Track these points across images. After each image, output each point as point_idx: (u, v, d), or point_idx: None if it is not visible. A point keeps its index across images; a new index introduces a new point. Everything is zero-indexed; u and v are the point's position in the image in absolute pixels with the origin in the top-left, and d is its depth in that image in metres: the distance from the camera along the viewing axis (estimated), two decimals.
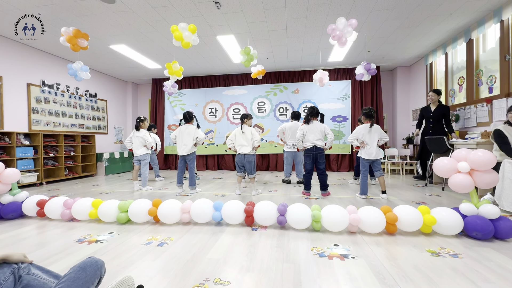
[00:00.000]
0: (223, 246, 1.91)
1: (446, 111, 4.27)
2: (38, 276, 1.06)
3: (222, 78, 7.03)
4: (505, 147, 2.79)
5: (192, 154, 3.85)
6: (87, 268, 1.03)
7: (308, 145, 3.52)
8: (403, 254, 1.73)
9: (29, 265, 1.06)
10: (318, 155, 3.49)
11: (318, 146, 3.49)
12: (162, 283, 1.41)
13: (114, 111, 7.17)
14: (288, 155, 4.58)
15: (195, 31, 3.32)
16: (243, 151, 3.64)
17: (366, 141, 3.32)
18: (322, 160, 3.50)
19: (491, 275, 1.45)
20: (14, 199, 2.68)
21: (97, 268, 1.07)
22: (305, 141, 3.57)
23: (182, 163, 3.90)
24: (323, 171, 3.51)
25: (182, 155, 3.82)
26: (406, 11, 3.71)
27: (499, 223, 1.92)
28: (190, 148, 3.79)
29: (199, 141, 3.83)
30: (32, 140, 4.79)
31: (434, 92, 4.35)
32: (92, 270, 1.04)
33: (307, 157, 3.57)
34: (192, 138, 3.79)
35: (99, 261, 1.11)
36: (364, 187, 3.38)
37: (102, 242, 2.00)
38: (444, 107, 4.32)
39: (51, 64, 5.29)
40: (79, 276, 1.00)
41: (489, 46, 3.99)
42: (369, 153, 3.30)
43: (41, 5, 3.45)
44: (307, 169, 3.58)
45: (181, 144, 3.81)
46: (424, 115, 4.53)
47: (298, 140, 3.60)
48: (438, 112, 4.29)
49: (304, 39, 4.70)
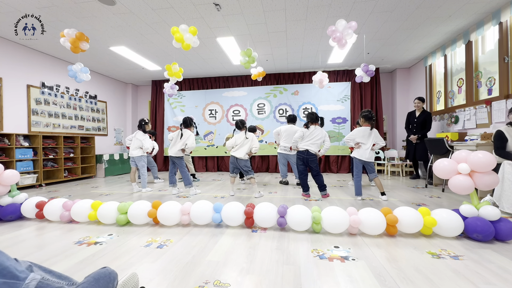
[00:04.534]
0: (223, 248, 1.90)
1: (427, 117, 4.70)
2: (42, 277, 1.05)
3: (222, 79, 7.04)
4: (498, 151, 2.84)
5: (179, 158, 3.89)
6: (101, 280, 1.05)
7: (301, 148, 3.57)
8: (404, 256, 1.73)
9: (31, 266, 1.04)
10: (309, 160, 3.52)
11: (310, 151, 3.51)
12: (162, 285, 1.40)
13: (114, 112, 7.16)
14: (281, 156, 4.63)
15: (195, 33, 3.33)
16: (237, 154, 3.66)
17: (362, 143, 3.33)
18: (313, 165, 3.53)
19: (492, 277, 1.45)
20: (13, 200, 2.67)
21: (109, 280, 1.08)
22: (301, 143, 3.60)
23: (172, 164, 3.98)
24: (317, 172, 3.53)
25: (170, 155, 3.89)
26: (406, 13, 3.72)
27: (499, 225, 1.92)
28: (177, 152, 3.82)
29: (187, 148, 3.84)
30: (31, 142, 4.78)
31: (419, 100, 4.75)
32: (105, 282, 1.06)
33: (298, 159, 3.64)
34: (183, 142, 3.82)
35: (112, 273, 1.11)
36: (358, 189, 3.38)
37: (101, 244, 1.99)
38: (427, 113, 4.73)
39: (51, 65, 5.30)
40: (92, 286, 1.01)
41: (488, 48, 4.00)
42: (362, 154, 3.30)
43: (42, 6, 3.46)
44: (300, 170, 3.66)
45: (173, 145, 3.88)
46: (410, 120, 4.97)
47: (295, 140, 3.64)
48: (422, 117, 4.73)
49: (303, 41, 4.72)
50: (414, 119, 4.83)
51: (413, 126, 4.84)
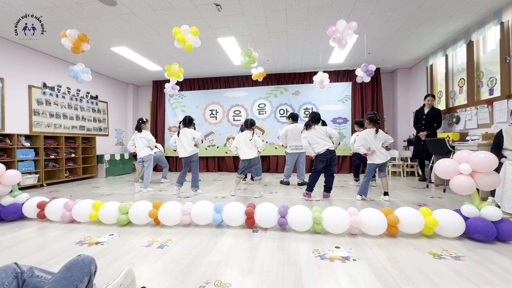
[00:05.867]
0: (223, 248, 1.90)
1: (437, 113, 4.60)
2: (43, 277, 1.06)
3: (223, 80, 7.05)
4: (492, 150, 2.96)
5: (194, 156, 3.84)
6: (73, 267, 1.03)
7: (321, 149, 3.44)
8: (405, 256, 1.73)
9: (31, 268, 1.06)
10: (332, 158, 3.46)
11: (330, 149, 3.45)
12: (163, 285, 1.40)
13: (115, 113, 7.18)
14: (291, 157, 4.56)
15: (197, 33, 3.33)
16: (249, 156, 3.61)
17: (372, 147, 3.28)
18: (335, 162, 3.50)
19: (494, 278, 1.44)
20: (14, 201, 2.68)
21: (84, 266, 1.06)
22: (314, 146, 3.50)
23: (186, 164, 3.92)
24: (332, 172, 3.50)
25: (185, 156, 3.82)
26: (406, 13, 3.72)
27: (501, 225, 1.91)
28: (191, 149, 3.78)
29: (196, 140, 3.83)
30: (33, 142, 4.79)
31: (432, 97, 4.69)
32: (79, 268, 1.04)
33: (320, 162, 3.48)
34: (190, 139, 3.80)
35: (86, 258, 1.10)
36: (365, 189, 3.37)
37: (103, 244, 2.00)
38: (436, 110, 4.64)
39: (52, 66, 5.31)
40: (65, 275, 1.00)
41: (490, 48, 3.99)
42: (377, 158, 3.27)
43: (43, 7, 3.47)
44: (317, 170, 3.52)
45: (180, 147, 3.83)
46: (418, 117, 4.88)
47: (306, 148, 3.53)
48: (431, 114, 4.66)
49: (304, 41, 4.72)
50: (422, 116, 4.75)
51: (422, 123, 4.75)
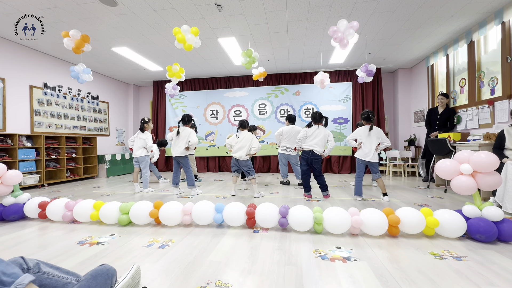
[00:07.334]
0: (224, 248, 1.90)
1: (452, 114, 4.52)
2: (50, 274, 1.06)
3: (223, 80, 7.05)
4: (493, 151, 3.00)
5: (184, 157, 3.84)
6: (98, 277, 1.06)
7: (306, 148, 3.52)
8: (406, 257, 1.72)
9: (38, 263, 1.06)
10: (313, 161, 3.49)
11: (315, 151, 3.47)
12: (164, 285, 1.40)
13: (115, 113, 7.19)
14: (282, 157, 4.62)
15: (197, 33, 3.33)
16: (236, 155, 3.68)
17: (364, 142, 3.33)
18: (317, 166, 3.51)
19: (495, 278, 1.44)
20: (15, 201, 2.69)
21: (107, 277, 1.09)
22: (305, 143, 3.56)
23: (176, 164, 3.93)
24: (319, 173, 3.51)
25: (175, 156, 3.84)
26: (407, 13, 3.71)
27: (502, 226, 1.91)
28: (182, 151, 3.78)
29: (191, 145, 3.79)
30: (34, 142, 4.80)
31: (443, 96, 4.56)
32: (103, 279, 1.07)
33: (302, 159, 3.60)
34: (185, 141, 3.78)
35: (110, 270, 1.12)
36: (358, 188, 3.38)
37: (104, 244, 2.00)
38: (451, 110, 4.54)
39: (54, 66, 5.32)
40: (90, 284, 1.02)
41: (491, 48, 3.98)
42: (365, 154, 3.29)
43: (44, 8, 3.48)
44: (303, 170, 3.61)
45: (175, 145, 3.83)
46: (431, 117, 4.75)
47: (299, 140, 3.59)
48: (446, 114, 4.55)
49: (305, 41, 4.72)
50: (436, 116, 4.63)
51: (435, 124, 4.64)
